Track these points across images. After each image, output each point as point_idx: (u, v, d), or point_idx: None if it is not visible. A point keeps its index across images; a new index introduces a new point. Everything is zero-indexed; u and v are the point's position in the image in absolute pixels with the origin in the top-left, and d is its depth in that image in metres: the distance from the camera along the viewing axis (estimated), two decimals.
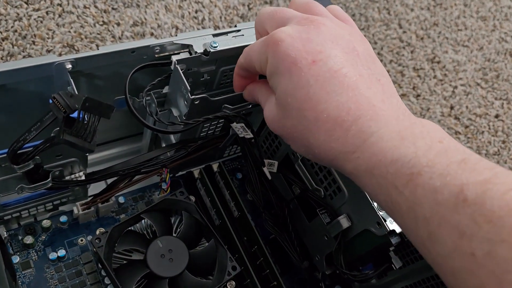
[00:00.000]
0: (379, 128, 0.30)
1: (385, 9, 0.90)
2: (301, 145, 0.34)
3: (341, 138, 0.31)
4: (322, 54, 0.32)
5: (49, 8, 0.67)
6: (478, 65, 0.89)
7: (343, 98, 0.31)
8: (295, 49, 0.33)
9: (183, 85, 0.41)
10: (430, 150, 0.28)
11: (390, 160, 0.29)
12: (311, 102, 0.32)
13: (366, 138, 0.30)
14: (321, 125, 0.32)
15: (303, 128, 0.33)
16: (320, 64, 0.32)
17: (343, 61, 0.33)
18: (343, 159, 0.32)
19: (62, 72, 0.39)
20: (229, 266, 0.42)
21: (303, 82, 0.32)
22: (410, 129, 0.30)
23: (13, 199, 0.42)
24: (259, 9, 0.80)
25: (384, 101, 0.32)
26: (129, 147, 0.55)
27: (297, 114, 0.33)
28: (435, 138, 0.29)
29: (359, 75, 0.32)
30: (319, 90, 0.32)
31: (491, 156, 0.77)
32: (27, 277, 0.43)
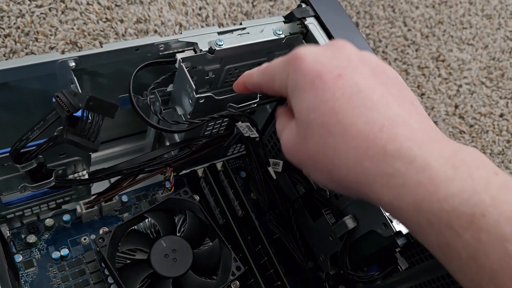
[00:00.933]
0: (423, 151, 0.26)
1: (390, 6, 0.89)
2: (324, 170, 0.30)
3: (375, 157, 0.27)
4: (348, 69, 0.30)
5: (52, 5, 0.67)
6: (483, 63, 0.88)
7: (373, 113, 0.28)
8: (319, 63, 0.30)
9: (188, 84, 0.40)
10: (490, 185, 0.24)
11: (444, 195, 0.25)
12: (337, 116, 0.28)
13: (409, 160, 0.26)
14: (350, 141, 0.28)
15: (327, 148, 0.29)
16: (347, 78, 0.29)
17: (371, 78, 0.30)
18: (379, 185, 0.27)
19: (65, 70, 0.39)
20: (233, 266, 0.42)
21: (328, 95, 0.29)
22: (459, 155, 0.26)
23: (16, 197, 0.42)
24: (263, 6, 0.80)
25: (420, 122, 0.28)
26: (133, 145, 0.55)
27: (321, 132, 0.29)
28: (490, 169, 0.26)
29: (390, 94, 0.29)
30: (346, 104, 0.28)
31: (496, 155, 0.77)
32: (30, 276, 0.43)
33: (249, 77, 0.36)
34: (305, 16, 0.46)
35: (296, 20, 0.47)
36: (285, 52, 0.48)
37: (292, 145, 0.32)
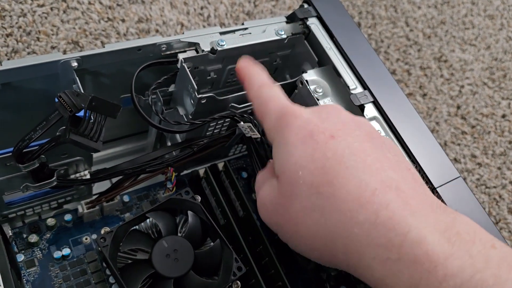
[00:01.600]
0: (417, 222, 0.24)
1: (392, 7, 0.89)
2: (307, 235, 0.28)
3: (366, 223, 0.25)
4: (341, 131, 0.28)
5: (54, 4, 0.67)
6: (485, 64, 0.88)
7: (366, 175, 0.26)
8: (312, 123, 0.29)
9: (190, 84, 0.40)
10: (489, 262, 0.23)
11: (443, 274, 0.23)
12: (327, 176, 0.27)
13: (403, 232, 0.24)
14: (340, 204, 0.26)
15: (314, 209, 0.27)
16: (339, 140, 0.28)
17: (366, 141, 0.28)
18: (370, 257, 0.25)
19: (67, 70, 0.39)
20: (235, 267, 0.42)
21: (319, 154, 0.27)
22: (454, 228, 0.25)
23: (18, 197, 0.42)
24: (265, 6, 0.80)
25: (415, 189, 0.27)
26: (134, 145, 0.55)
27: (309, 191, 0.27)
28: (486, 241, 0.24)
29: (385, 158, 0.28)
30: (337, 164, 0.27)
31: (498, 156, 0.77)
32: (32, 275, 0.43)
33: (250, 97, 0.35)
34: (307, 17, 0.46)
35: (298, 21, 0.47)
36: (286, 52, 0.48)
37: (272, 203, 0.30)
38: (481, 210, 0.39)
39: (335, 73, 0.44)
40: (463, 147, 0.77)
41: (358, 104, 0.42)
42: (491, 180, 0.74)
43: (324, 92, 0.43)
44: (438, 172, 0.40)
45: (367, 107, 0.42)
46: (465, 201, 0.39)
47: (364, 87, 0.43)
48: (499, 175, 0.75)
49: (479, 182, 0.74)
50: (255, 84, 0.35)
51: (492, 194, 0.73)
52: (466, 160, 0.75)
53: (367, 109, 0.42)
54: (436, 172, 0.39)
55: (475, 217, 0.38)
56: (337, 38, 0.45)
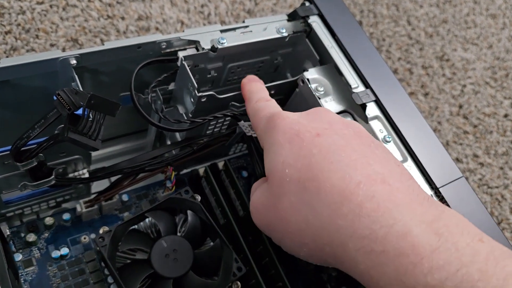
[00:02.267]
0: (403, 215, 0.24)
1: (394, 5, 0.89)
2: (296, 231, 0.28)
3: (350, 214, 0.25)
4: (328, 130, 0.29)
5: (53, 2, 0.66)
6: (487, 63, 0.87)
7: (350, 169, 0.26)
8: (299, 123, 0.30)
9: (190, 82, 0.40)
10: (477, 256, 0.23)
11: (429, 267, 0.22)
12: (312, 171, 0.27)
13: (387, 223, 0.24)
14: (324, 196, 0.26)
15: (301, 205, 0.27)
16: (325, 137, 0.28)
17: (353, 139, 0.29)
18: (354, 248, 0.25)
19: (66, 67, 0.38)
20: (235, 267, 0.42)
21: (305, 151, 0.28)
22: (442, 220, 0.24)
23: (16, 196, 0.42)
24: (266, 4, 0.79)
25: (402, 182, 0.27)
26: (133, 143, 0.54)
27: (296, 188, 0.28)
28: (474, 235, 0.24)
29: (372, 153, 0.28)
30: (322, 159, 0.27)
31: (500, 156, 0.76)
32: (30, 275, 0.43)
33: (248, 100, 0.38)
34: (308, 15, 0.46)
35: (299, 19, 0.46)
36: (288, 50, 0.48)
37: (263, 204, 0.31)
38: (483, 210, 0.38)
39: (336, 71, 0.44)
40: (465, 146, 0.76)
41: (360, 103, 0.41)
42: (493, 180, 0.73)
43: (325, 90, 0.42)
44: (441, 172, 0.39)
45: (369, 106, 0.41)
46: (468, 201, 0.39)
47: (366, 86, 0.43)
48: (501, 175, 0.74)
49: (481, 182, 0.73)
50: (254, 99, 0.37)
51: (494, 194, 0.72)
52: (468, 160, 0.75)
53: (369, 108, 0.41)
54: (438, 172, 0.39)
55: (477, 217, 0.38)
56: (339, 36, 0.45)
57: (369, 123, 0.41)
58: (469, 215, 0.37)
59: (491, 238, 0.25)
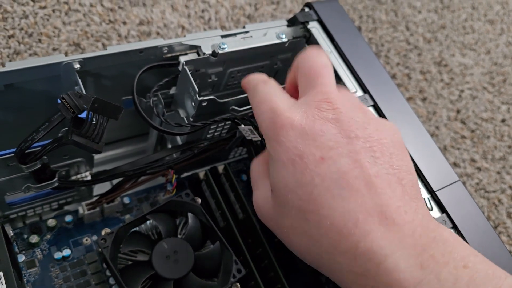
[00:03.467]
0: (393, 251, 0.26)
1: (393, 11, 0.90)
2: (297, 248, 0.30)
3: (347, 253, 0.26)
4: (333, 151, 0.28)
5: (56, 6, 0.67)
6: (485, 69, 0.88)
7: (350, 205, 0.27)
8: (303, 143, 0.29)
9: (191, 86, 0.41)
10: (458, 283, 0.24)
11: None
12: (314, 204, 0.28)
13: (379, 262, 0.26)
14: (324, 233, 0.27)
15: (302, 232, 0.28)
16: (330, 163, 0.28)
17: (358, 159, 0.28)
18: (350, 281, 0.27)
19: (70, 71, 0.39)
20: (234, 269, 0.42)
21: (307, 179, 0.28)
22: (429, 251, 0.26)
23: (19, 198, 0.42)
24: (266, 10, 0.80)
25: (399, 207, 0.27)
26: (134, 147, 0.55)
27: (297, 215, 0.28)
28: (459, 261, 0.25)
29: (375, 176, 0.28)
30: (324, 192, 0.27)
31: (497, 161, 0.77)
32: (32, 275, 0.43)
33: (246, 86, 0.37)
34: (308, 20, 0.47)
35: (299, 24, 0.47)
36: (287, 56, 0.49)
37: (266, 210, 0.31)
38: (480, 214, 0.39)
39: (335, 76, 0.44)
40: (462, 151, 0.77)
41: None
42: (490, 184, 0.74)
43: None
44: (437, 176, 0.40)
45: None
46: (464, 205, 0.39)
47: (365, 91, 0.43)
48: (498, 180, 0.75)
49: (478, 186, 0.74)
50: (251, 82, 0.36)
51: (491, 199, 0.73)
52: (466, 164, 0.76)
53: None
54: (435, 176, 0.40)
55: (474, 221, 0.38)
56: (338, 42, 0.46)
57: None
58: (465, 218, 0.38)
59: (481, 259, 0.26)
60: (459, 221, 0.38)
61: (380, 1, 0.90)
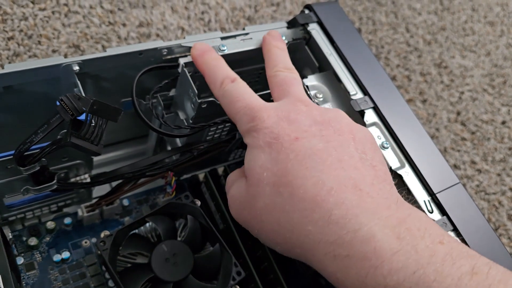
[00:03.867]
0: (369, 220, 0.26)
1: (393, 13, 0.90)
2: (270, 231, 0.30)
3: (320, 221, 0.26)
4: (307, 132, 0.30)
5: (55, 8, 0.67)
6: (485, 70, 0.88)
7: (323, 175, 0.27)
8: (279, 126, 0.30)
9: (191, 89, 0.40)
10: (434, 257, 0.24)
11: (389, 269, 0.24)
12: (287, 177, 0.28)
13: (353, 229, 0.26)
14: (297, 202, 0.27)
15: (275, 207, 0.29)
16: (303, 141, 0.29)
17: (331, 140, 0.29)
18: (323, 253, 0.26)
19: (69, 73, 0.39)
20: (234, 271, 0.42)
21: (282, 156, 0.29)
22: (405, 224, 0.26)
23: (18, 200, 0.42)
24: (266, 11, 0.80)
25: (373, 185, 0.28)
26: (134, 149, 0.55)
27: (271, 191, 0.29)
28: (435, 237, 0.26)
29: (348, 156, 0.29)
30: (298, 165, 0.28)
31: (497, 163, 0.77)
32: (31, 278, 0.43)
33: (210, 81, 0.37)
34: (308, 22, 0.47)
35: (299, 26, 0.47)
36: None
37: (240, 202, 0.32)
38: (481, 216, 0.39)
39: (335, 78, 0.44)
40: (462, 153, 0.77)
41: (358, 109, 0.42)
42: (491, 186, 0.74)
43: (324, 97, 0.43)
44: (438, 178, 0.40)
45: (367, 113, 0.42)
46: (465, 207, 0.39)
47: (365, 93, 0.43)
48: (498, 182, 0.75)
49: (478, 188, 0.74)
50: (217, 80, 0.36)
51: (492, 201, 0.73)
52: (466, 166, 0.75)
53: (367, 114, 0.42)
54: (435, 178, 0.40)
55: (475, 223, 0.38)
56: (338, 43, 0.45)
57: (367, 129, 0.41)
58: (465, 220, 0.38)
59: (455, 239, 0.27)
60: (460, 223, 0.38)
61: (380, 3, 0.90)
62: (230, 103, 0.35)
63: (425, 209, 0.38)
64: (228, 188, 0.35)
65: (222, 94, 0.35)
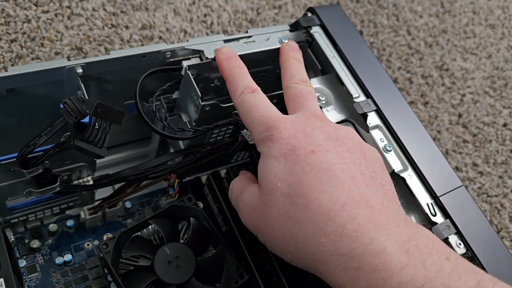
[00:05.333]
0: (379, 235, 0.27)
1: (394, 15, 0.90)
2: (281, 239, 0.30)
3: (333, 234, 0.27)
4: (322, 146, 0.31)
5: (58, 10, 0.67)
6: (487, 73, 0.88)
7: (337, 190, 0.29)
8: (295, 138, 0.31)
9: (194, 91, 0.40)
10: (441, 272, 0.25)
11: (398, 282, 0.25)
12: (302, 189, 0.29)
13: (365, 243, 0.27)
14: (311, 215, 0.28)
15: (288, 217, 0.29)
16: (319, 155, 0.30)
17: (344, 157, 0.31)
18: (334, 264, 0.27)
19: (72, 76, 0.39)
20: (237, 274, 0.42)
21: (298, 168, 0.30)
22: (414, 241, 0.27)
23: (20, 202, 0.42)
24: (268, 14, 0.80)
25: (383, 204, 0.29)
26: (137, 151, 0.55)
27: (285, 201, 0.30)
28: (442, 254, 0.27)
29: (360, 174, 0.30)
30: (313, 178, 0.29)
31: (499, 165, 0.77)
32: (33, 281, 0.43)
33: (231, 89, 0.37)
34: (310, 25, 0.47)
35: (301, 29, 0.47)
36: None
37: (252, 209, 0.32)
38: (484, 220, 0.39)
39: (338, 81, 0.44)
40: (464, 155, 0.77)
41: (361, 112, 0.42)
42: (493, 189, 0.74)
43: (327, 100, 0.43)
44: (441, 181, 0.40)
45: (370, 116, 0.42)
46: (468, 210, 0.39)
47: (367, 96, 0.43)
48: (500, 184, 0.75)
49: (480, 190, 0.74)
50: (238, 89, 0.37)
51: (494, 203, 0.73)
52: (468, 168, 0.75)
53: (370, 117, 0.42)
54: (438, 181, 0.40)
55: (477, 226, 0.38)
56: (341, 46, 0.45)
57: (370, 132, 0.41)
58: (469, 223, 0.38)
59: (461, 257, 0.28)
60: (463, 226, 0.37)
61: (381, 5, 0.90)
62: (248, 111, 0.35)
63: (428, 212, 0.38)
64: (236, 195, 0.35)
65: (241, 103, 0.36)
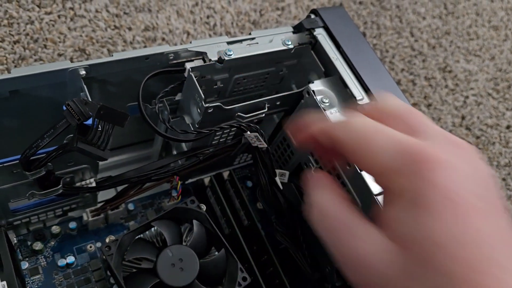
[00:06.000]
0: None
1: (397, 17, 0.90)
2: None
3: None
4: (487, 199, 0.24)
5: (61, 12, 0.67)
6: (490, 75, 0.88)
7: (506, 276, 0.21)
8: (458, 184, 0.23)
9: (197, 93, 0.40)
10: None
11: None
12: (477, 272, 0.21)
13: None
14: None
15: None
16: (494, 216, 0.23)
17: (500, 220, 0.24)
18: None
19: (75, 78, 0.39)
20: (239, 277, 0.42)
21: (470, 238, 0.22)
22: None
23: (23, 204, 0.42)
24: (271, 15, 0.80)
25: None
26: (139, 153, 0.55)
27: (442, 280, 0.22)
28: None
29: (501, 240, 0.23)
30: (498, 254, 0.22)
31: (502, 167, 0.77)
32: (36, 283, 0.43)
33: (325, 128, 0.29)
34: (314, 27, 0.47)
35: (305, 31, 0.47)
36: (293, 62, 0.48)
37: (383, 269, 0.24)
38: None
39: (341, 83, 0.44)
40: None
41: None
42: None
43: (330, 102, 0.43)
44: None
45: None
46: None
47: (371, 98, 0.43)
48: (503, 187, 0.74)
49: None
50: (328, 125, 0.29)
51: None
52: None
53: None
54: None
55: None
56: (344, 48, 0.45)
57: None
58: None
59: None
60: None
61: (384, 7, 0.90)
62: (364, 137, 0.28)
63: None
64: (341, 233, 0.27)
65: (352, 133, 0.28)
